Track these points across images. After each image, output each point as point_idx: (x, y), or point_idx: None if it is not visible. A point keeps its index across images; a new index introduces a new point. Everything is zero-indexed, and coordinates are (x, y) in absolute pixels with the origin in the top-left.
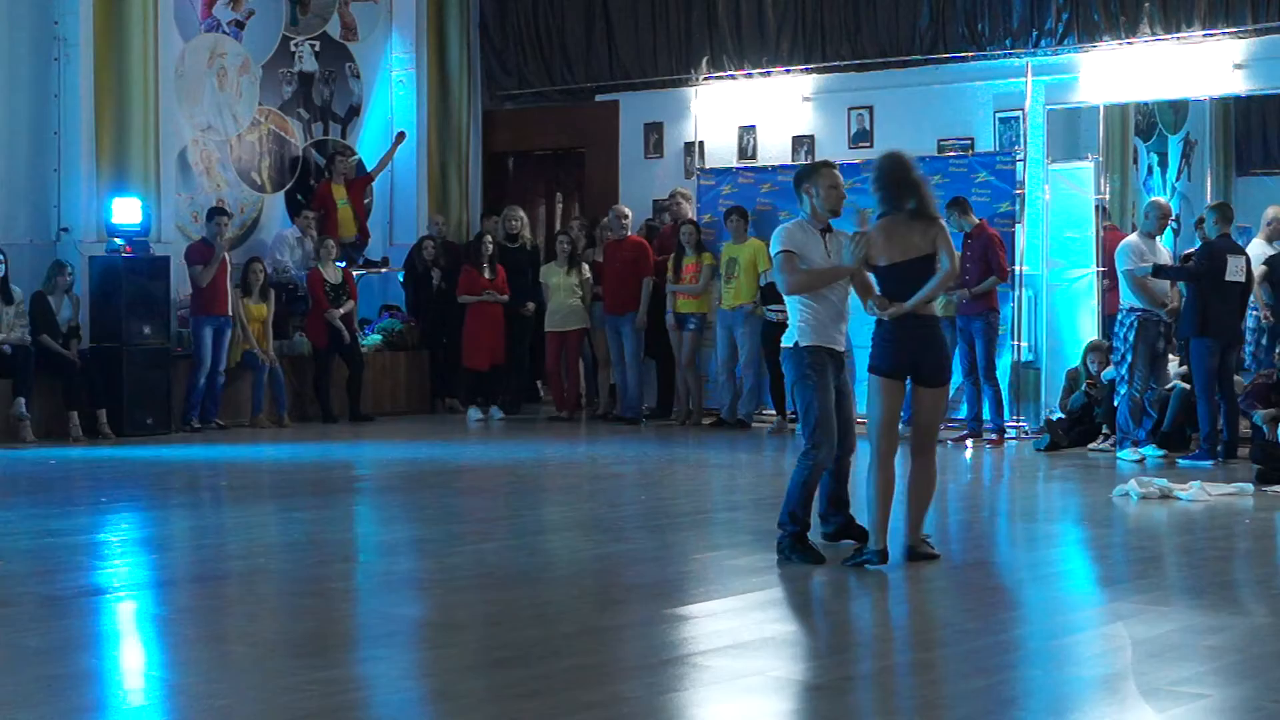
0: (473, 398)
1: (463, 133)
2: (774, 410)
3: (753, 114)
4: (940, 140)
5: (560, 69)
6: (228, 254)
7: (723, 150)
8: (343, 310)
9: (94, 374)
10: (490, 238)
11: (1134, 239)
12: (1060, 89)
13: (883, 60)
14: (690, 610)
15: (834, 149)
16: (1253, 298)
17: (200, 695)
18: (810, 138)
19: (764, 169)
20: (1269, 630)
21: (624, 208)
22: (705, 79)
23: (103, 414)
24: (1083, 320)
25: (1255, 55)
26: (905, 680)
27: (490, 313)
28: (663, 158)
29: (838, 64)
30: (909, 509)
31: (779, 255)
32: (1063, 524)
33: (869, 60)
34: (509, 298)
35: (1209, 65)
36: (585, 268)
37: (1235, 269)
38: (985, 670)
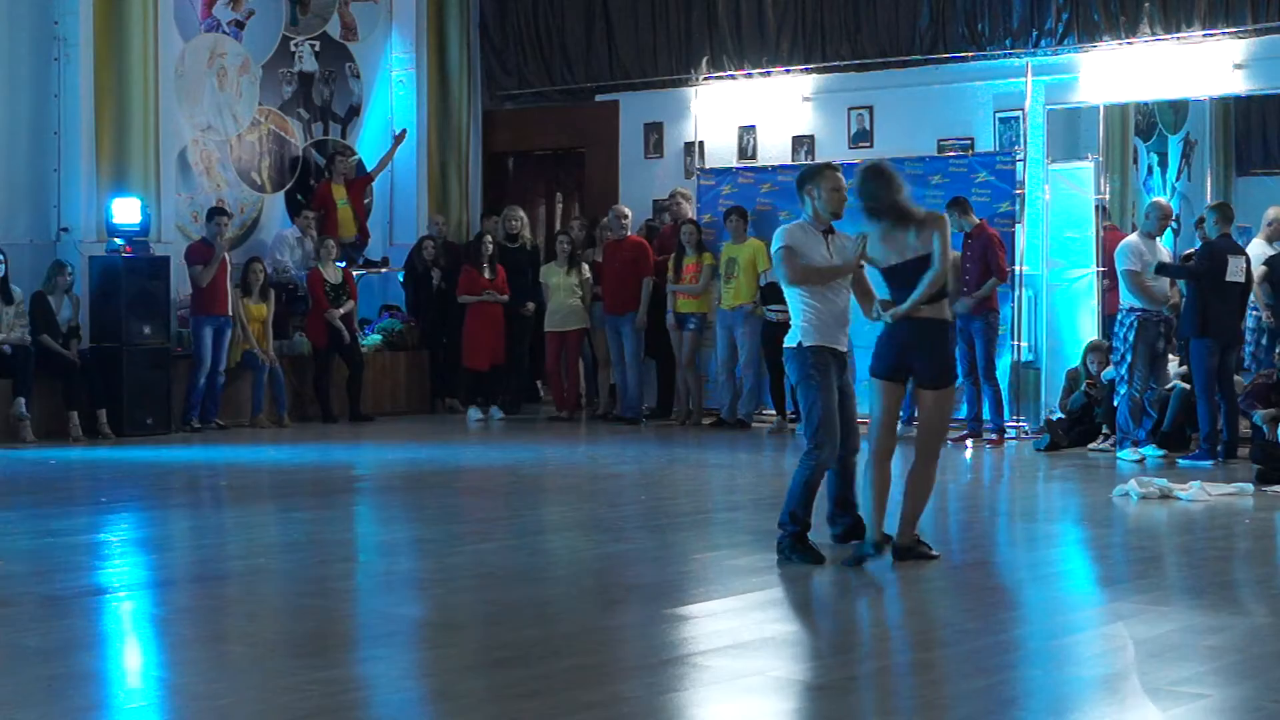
0: (473, 398)
1: (463, 133)
2: (774, 410)
3: (753, 114)
4: (940, 140)
5: (560, 69)
6: (228, 254)
7: (723, 150)
8: (343, 310)
9: (94, 374)
10: (490, 238)
11: (1134, 239)
12: (1060, 89)
13: (883, 60)
14: (690, 610)
15: (834, 149)
16: (1253, 298)
17: (200, 695)
18: (810, 138)
19: (764, 169)
20: (1269, 630)
21: (624, 208)
22: (705, 79)
23: (103, 414)
24: (1083, 320)
25: (1255, 55)
26: (905, 680)
27: (490, 313)
28: (663, 158)
29: (838, 64)
30: (903, 508)
31: (780, 250)
32: (1063, 524)
33: (869, 60)
34: (509, 298)
35: (1209, 65)
36: (585, 268)
37: (1235, 269)
38: (985, 670)
